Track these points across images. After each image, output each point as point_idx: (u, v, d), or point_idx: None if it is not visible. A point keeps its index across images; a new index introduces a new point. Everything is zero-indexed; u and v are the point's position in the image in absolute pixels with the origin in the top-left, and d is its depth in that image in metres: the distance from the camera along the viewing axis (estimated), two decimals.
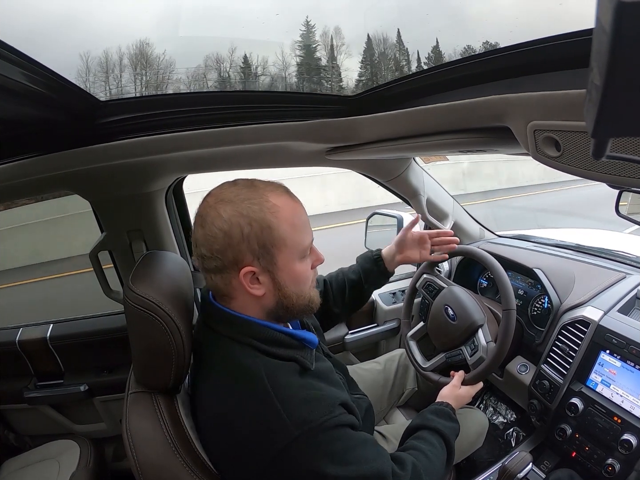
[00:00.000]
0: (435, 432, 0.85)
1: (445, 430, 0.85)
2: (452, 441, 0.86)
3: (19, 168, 0.88)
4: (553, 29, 0.47)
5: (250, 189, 0.67)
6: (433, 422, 0.86)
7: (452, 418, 0.91)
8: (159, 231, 1.18)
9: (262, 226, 0.64)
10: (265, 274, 0.67)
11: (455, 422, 0.90)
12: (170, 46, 0.88)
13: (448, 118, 0.68)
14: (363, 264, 1.08)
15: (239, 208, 0.64)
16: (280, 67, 0.91)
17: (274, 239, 0.65)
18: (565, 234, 1.68)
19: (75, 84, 0.69)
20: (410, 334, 1.20)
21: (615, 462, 0.92)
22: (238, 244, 0.64)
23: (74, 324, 1.38)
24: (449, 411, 0.92)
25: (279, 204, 0.66)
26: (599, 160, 0.39)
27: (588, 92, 0.27)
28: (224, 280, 0.67)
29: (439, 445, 0.83)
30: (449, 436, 0.85)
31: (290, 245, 0.67)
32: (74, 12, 0.69)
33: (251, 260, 0.65)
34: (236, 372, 0.65)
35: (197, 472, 0.66)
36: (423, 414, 0.92)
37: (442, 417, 0.89)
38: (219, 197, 0.66)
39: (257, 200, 0.65)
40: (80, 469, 1.21)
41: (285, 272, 0.68)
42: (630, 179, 0.45)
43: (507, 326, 0.99)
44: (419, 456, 0.77)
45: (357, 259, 1.11)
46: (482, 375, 1.00)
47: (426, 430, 0.86)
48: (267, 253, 0.66)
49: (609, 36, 0.20)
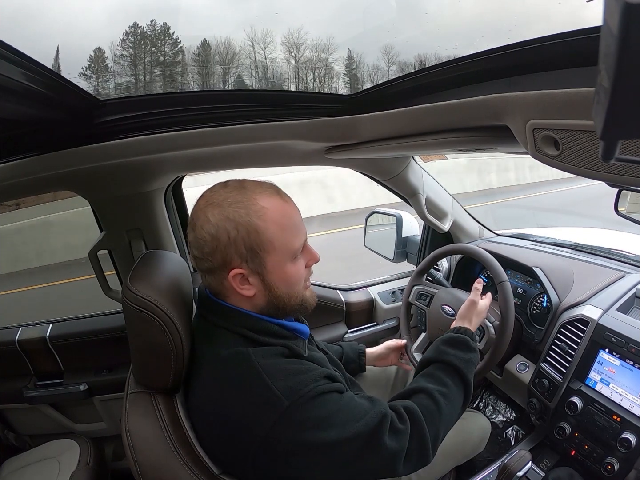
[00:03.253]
0: (449, 366, 0.78)
1: (461, 365, 0.78)
2: (469, 376, 0.78)
3: (18, 167, 0.88)
4: (552, 28, 0.47)
5: (240, 191, 0.67)
6: (447, 355, 0.79)
7: (470, 347, 0.82)
8: (158, 230, 1.18)
9: (248, 230, 0.64)
10: (254, 276, 0.68)
11: (474, 352, 0.82)
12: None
13: (447, 117, 0.68)
14: (348, 353, 1.12)
15: (225, 212, 0.65)
16: (281, 66, 0.91)
17: (261, 242, 0.66)
18: (564, 233, 1.68)
19: (74, 83, 0.69)
20: (414, 347, 1.17)
21: (615, 461, 0.92)
22: (225, 247, 0.65)
23: (74, 323, 1.38)
24: (466, 339, 0.83)
25: (267, 205, 0.66)
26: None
27: (596, 94, 0.27)
28: (216, 280, 0.69)
29: (453, 383, 0.76)
30: (465, 371, 0.77)
31: (279, 247, 0.67)
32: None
33: (239, 263, 0.66)
34: (226, 358, 0.67)
35: (196, 472, 0.66)
36: (436, 343, 0.84)
37: (458, 347, 0.81)
38: (208, 201, 0.67)
39: (245, 203, 0.65)
40: (80, 468, 1.21)
41: (275, 274, 0.69)
42: (630, 178, 0.45)
43: (506, 297, 0.99)
44: (425, 402, 0.72)
45: (343, 346, 1.15)
46: (497, 356, 0.98)
47: (439, 365, 0.79)
48: (255, 256, 0.66)
49: (617, 38, 0.20)
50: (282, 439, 0.61)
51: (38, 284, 4.30)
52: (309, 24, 0.87)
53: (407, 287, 1.24)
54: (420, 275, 1.23)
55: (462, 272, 1.50)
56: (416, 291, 1.21)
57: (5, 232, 4.78)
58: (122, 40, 0.82)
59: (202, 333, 0.74)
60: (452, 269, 1.54)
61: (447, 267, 1.56)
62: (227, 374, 0.66)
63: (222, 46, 0.87)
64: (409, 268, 1.71)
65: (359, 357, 1.13)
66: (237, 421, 0.63)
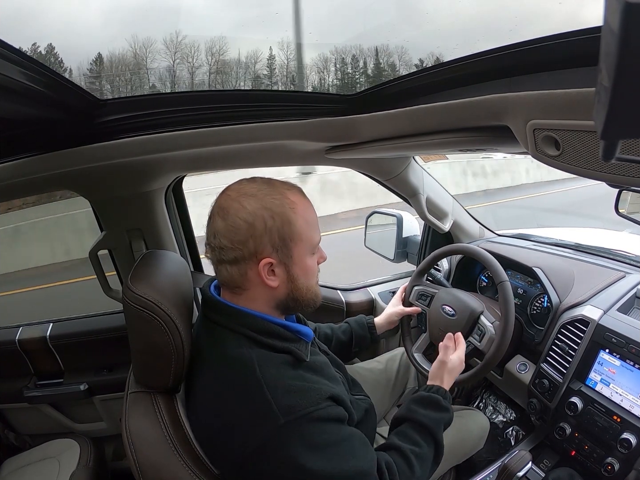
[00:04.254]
0: (419, 426, 0.80)
1: (430, 424, 0.80)
2: (439, 435, 0.80)
3: (19, 167, 0.88)
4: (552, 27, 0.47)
5: (270, 186, 0.71)
6: (417, 415, 0.81)
7: (441, 406, 0.83)
8: (158, 230, 1.18)
9: (283, 220, 0.68)
10: (281, 266, 0.70)
11: (444, 411, 0.83)
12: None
13: (448, 117, 0.68)
14: (357, 330, 1.14)
15: (262, 202, 0.67)
16: (281, 66, 0.91)
17: (292, 233, 0.69)
18: (564, 233, 1.68)
19: (74, 83, 0.69)
20: (414, 348, 1.16)
21: (615, 461, 0.92)
22: (261, 235, 0.67)
23: (74, 323, 1.38)
24: (437, 398, 0.84)
25: (296, 201, 0.70)
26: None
27: (597, 94, 0.27)
28: (240, 271, 0.69)
29: (425, 442, 0.78)
30: (435, 430, 0.80)
31: (305, 240, 0.71)
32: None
33: (270, 252, 0.68)
34: (229, 360, 0.67)
35: (196, 472, 0.66)
36: (408, 403, 0.85)
37: (428, 407, 0.83)
38: (241, 192, 0.69)
39: (278, 196, 0.69)
40: (80, 468, 1.21)
41: (299, 265, 0.72)
42: (630, 178, 0.45)
43: (506, 297, 0.99)
44: (399, 461, 0.74)
45: (350, 322, 1.16)
46: (497, 356, 0.98)
47: (410, 424, 0.81)
48: (285, 246, 0.69)
49: (617, 38, 0.20)
50: (272, 454, 0.61)
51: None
52: (310, 24, 0.87)
53: (407, 289, 1.24)
54: (420, 276, 1.23)
55: (462, 273, 1.50)
56: (416, 291, 1.21)
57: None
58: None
59: (205, 333, 0.74)
60: (452, 269, 1.54)
61: (447, 268, 1.56)
62: (229, 377, 0.66)
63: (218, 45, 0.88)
64: (410, 267, 1.71)
65: (370, 331, 1.15)
66: (233, 427, 0.64)
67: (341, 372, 0.89)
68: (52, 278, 4.33)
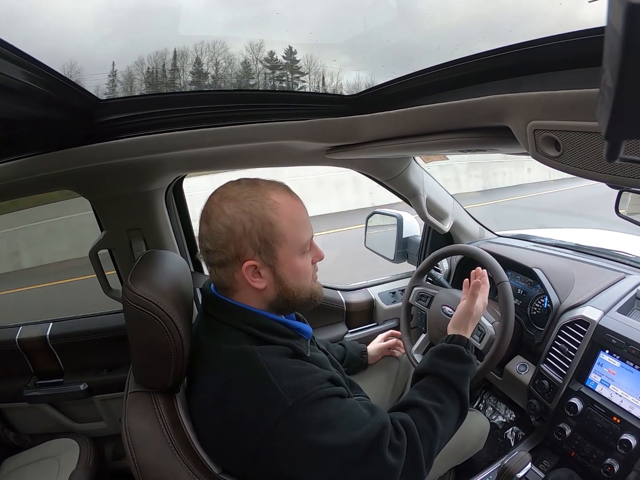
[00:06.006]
0: (443, 380, 0.77)
1: (455, 378, 0.77)
2: (464, 389, 0.77)
3: (19, 167, 0.88)
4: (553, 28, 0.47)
5: (253, 187, 0.70)
6: (440, 368, 0.78)
7: (464, 357, 0.80)
8: (158, 230, 1.18)
9: (262, 222, 0.67)
10: (266, 268, 0.70)
11: (467, 362, 0.80)
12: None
13: (448, 117, 0.68)
14: (351, 352, 1.17)
15: (241, 205, 0.67)
16: (282, 65, 0.91)
17: (274, 234, 0.68)
18: (565, 234, 1.68)
19: (75, 83, 0.69)
20: (414, 349, 1.16)
21: (614, 462, 0.92)
22: (240, 239, 0.66)
23: (74, 322, 1.38)
24: (459, 348, 0.81)
25: (279, 201, 0.69)
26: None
27: (600, 94, 0.27)
28: (227, 273, 0.70)
29: (448, 397, 0.76)
30: (459, 384, 0.76)
31: (290, 241, 0.69)
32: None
33: (253, 255, 0.68)
34: (230, 354, 0.67)
35: (196, 472, 0.66)
36: (429, 355, 0.83)
37: (450, 359, 0.80)
38: (223, 195, 0.69)
39: (259, 197, 0.68)
40: (80, 468, 1.21)
41: (286, 266, 0.71)
42: (630, 179, 0.45)
43: (506, 298, 0.99)
44: (419, 418, 0.72)
45: (345, 344, 1.20)
46: (497, 357, 0.97)
47: (433, 379, 0.78)
48: (268, 248, 0.68)
49: (621, 38, 0.20)
50: (284, 437, 0.61)
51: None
52: (310, 24, 0.87)
53: (407, 288, 1.24)
54: (420, 276, 1.23)
55: (462, 273, 1.50)
56: (416, 292, 1.21)
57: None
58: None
59: (206, 330, 0.74)
60: (452, 270, 1.54)
61: (447, 268, 1.56)
62: (232, 371, 0.66)
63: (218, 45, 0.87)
64: (409, 268, 1.71)
65: (362, 355, 1.19)
66: (241, 417, 0.63)
67: (340, 372, 0.89)
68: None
